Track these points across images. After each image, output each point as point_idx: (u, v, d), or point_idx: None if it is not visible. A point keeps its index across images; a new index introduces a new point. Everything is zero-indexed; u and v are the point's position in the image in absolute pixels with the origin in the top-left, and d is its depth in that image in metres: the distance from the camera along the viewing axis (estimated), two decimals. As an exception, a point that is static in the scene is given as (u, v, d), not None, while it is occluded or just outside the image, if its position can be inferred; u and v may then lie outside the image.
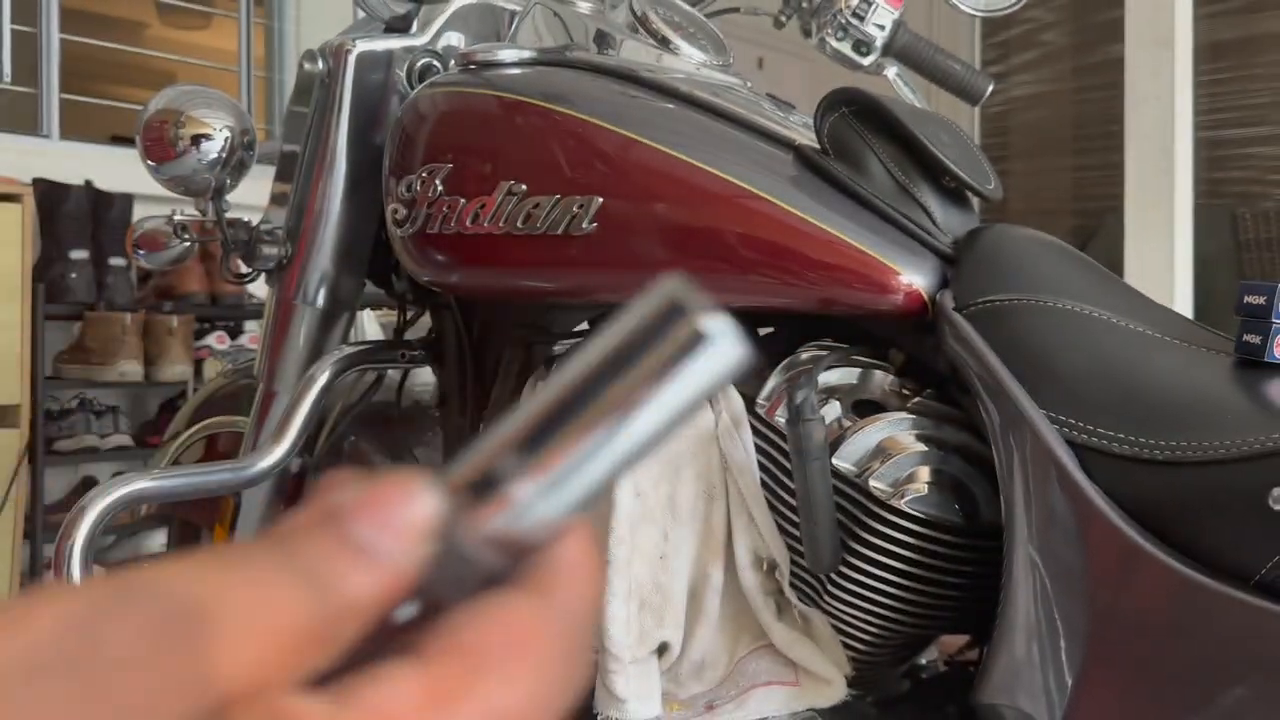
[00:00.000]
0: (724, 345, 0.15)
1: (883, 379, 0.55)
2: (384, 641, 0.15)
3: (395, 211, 0.65)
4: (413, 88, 0.72)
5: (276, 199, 0.76)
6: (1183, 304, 2.18)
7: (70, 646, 0.12)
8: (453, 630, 0.15)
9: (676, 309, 0.15)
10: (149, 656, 0.13)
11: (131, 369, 1.91)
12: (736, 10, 0.82)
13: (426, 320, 0.76)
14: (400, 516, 0.15)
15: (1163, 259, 2.21)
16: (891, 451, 0.50)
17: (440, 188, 0.62)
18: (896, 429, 0.51)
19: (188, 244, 0.78)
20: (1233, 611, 0.41)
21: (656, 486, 0.53)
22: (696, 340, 0.15)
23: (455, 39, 0.75)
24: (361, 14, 0.75)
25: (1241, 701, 0.42)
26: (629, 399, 0.15)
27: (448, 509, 0.15)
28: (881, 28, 0.69)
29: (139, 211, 1.93)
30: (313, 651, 0.14)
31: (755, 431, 0.54)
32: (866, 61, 0.71)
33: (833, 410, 0.53)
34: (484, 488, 0.15)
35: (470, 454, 0.16)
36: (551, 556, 0.16)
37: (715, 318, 0.15)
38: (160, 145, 0.72)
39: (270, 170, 0.78)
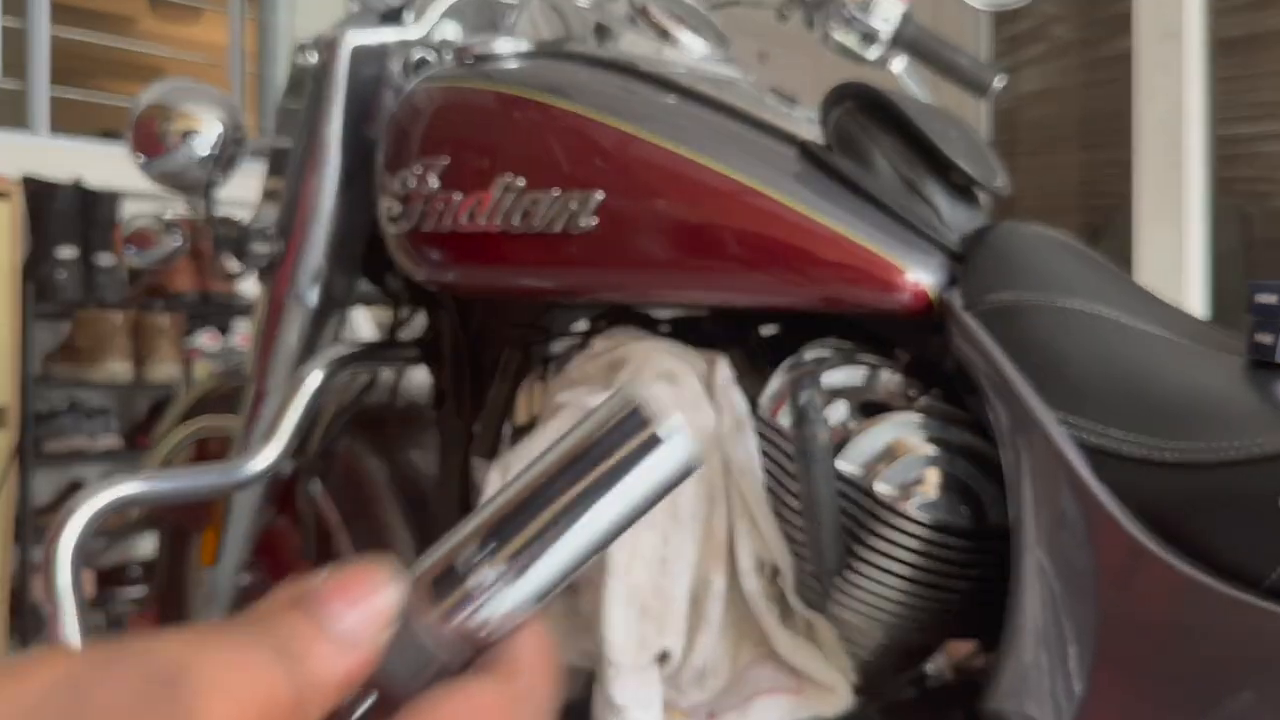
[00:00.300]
0: (678, 444, 0.16)
1: (888, 379, 0.54)
2: None
3: (389, 208, 0.64)
4: (408, 81, 0.70)
5: (268, 195, 0.75)
6: (1193, 302, 2.17)
7: (64, 700, 0.14)
8: (412, 711, 0.16)
9: (633, 411, 0.16)
10: (134, 712, 0.14)
11: (121, 369, 1.89)
12: (738, 3, 0.81)
13: (422, 319, 0.75)
14: (367, 602, 0.16)
15: (1173, 256, 2.20)
16: (897, 453, 0.49)
17: (436, 183, 0.61)
18: (902, 430, 0.50)
19: (178, 242, 0.77)
20: (1244, 615, 0.40)
21: (657, 489, 0.52)
22: (652, 440, 0.16)
23: (451, 32, 0.73)
24: (355, 7, 0.73)
25: (1253, 706, 0.41)
26: (588, 495, 0.16)
27: (412, 597, 0.16)
28: (887, 20, 0.68)
29: (128, 209, 1.91)
30: None
31: (758, 433, 0.53)
32: (872, 55, 0.70)
33: (837, 411, 0.52)
34: (448, 580, 0.16)
35: (435, 548, 0.17)
36: (512, 647, 0.17)
37: (670, 420, 0.16)
38: (151, 140, 0.70)
39: (262, 166, 0.77)
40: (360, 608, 0.16)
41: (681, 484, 0.17)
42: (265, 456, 0.65)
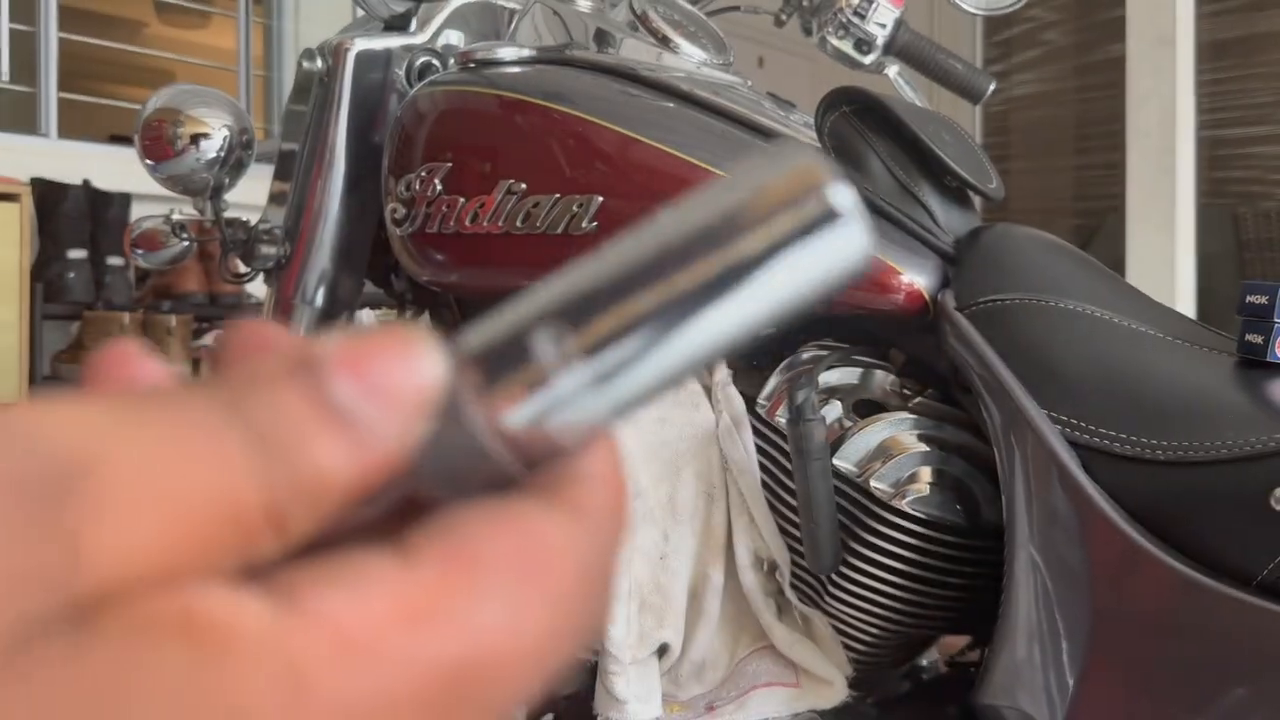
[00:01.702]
0: (854, 230, 0.11)
1: (883, 379, 0.55)
2: (353, 532, 0.11)
3: (394, 211, 0.65)
4: (412, 86, 0.72)
5: (275, 198, 0.76)
6: (1184, 303, 2.18)
7: None
8: (451, 528, 0.11)
9: (807, 173, 0.11)
10: None
11: (130, 369, 1.90)
12: (737, 8, 0.82)
13: (426, 320, 0.76)
14: (397, 380, 0.11)
15: (1164, 258, 2.21)
16: (892, 452, 0.50)
17: (439, 187, 0.62)
18: (897, 429, 0.51)
19: (186, 243, 0.78)
20: (1234, 612, 0.41)
21: (656, 486, 0.53)
22: (825, 216, 0.11)
23: (455, 37, 0.74)
24: (361, 12, 0.75)
25: (1243, 702, 0.41)
26: (726, 269, 0.11)
27: (458, 380, 0.11)
28: (883, 26, 0.69)
29: (137, 211, 1.92)
30: (255, 537, 0.10)
31: (756, 432, 0.54)
32: (867, 60, 0.71)
33: (833, 410, 0.52)
34: (508, 362, 0.11)
35: (496, 316, 0.12)
36: (580, 467, 0.12)
37: (850, 194, 0.11)
38: (159, 144, 0.71)
39: (269, 169, 0.78)
40: (388, 387, 0.11)
41: (844, 281, 0.11)
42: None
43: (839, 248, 0.11)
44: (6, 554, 0.09)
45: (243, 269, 0.75)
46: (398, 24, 0.73)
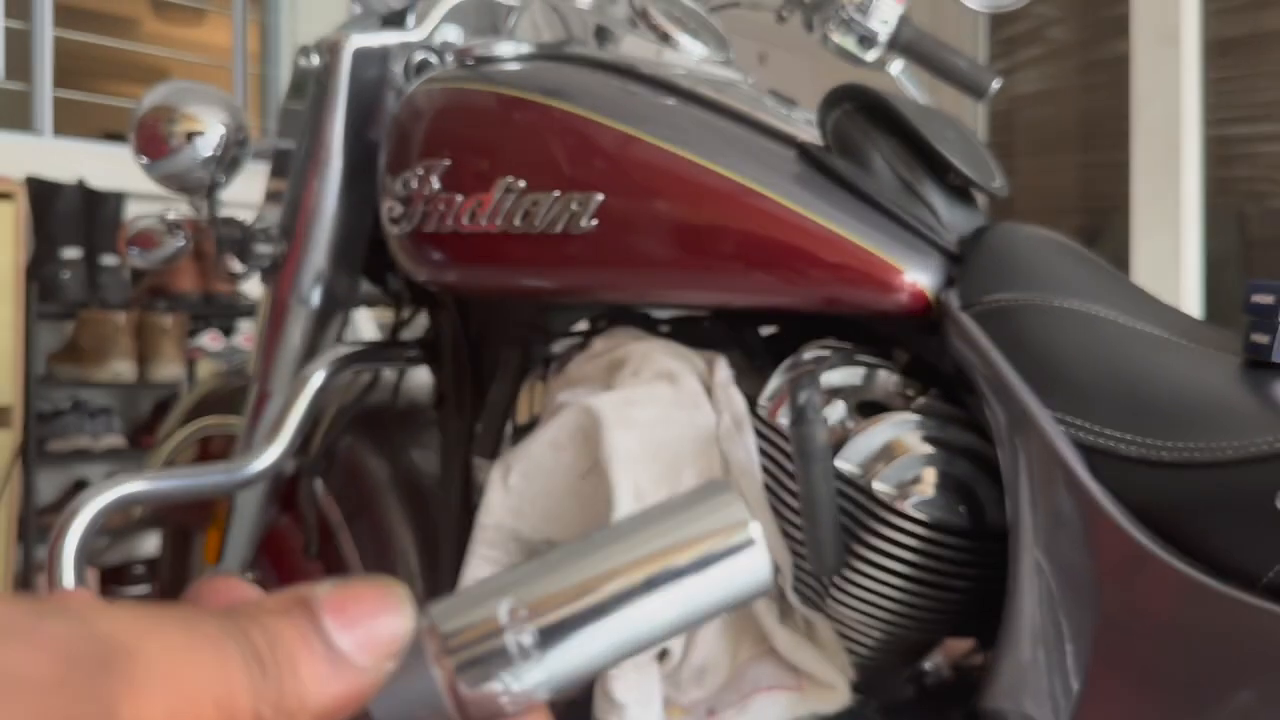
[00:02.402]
0: (759, 557, 0.14)
1: (887, 379, 0.54)
2: None
3: (391, 209, 0.64)
4: (409, 83, 0.71)
5: (271, 196, 0.75)
6: (1190, 302, 2.18)
7: None
8: None
9: (726, 506, 0.14)
10: (50, 681, 0.11)
11: (125, 369, 1.90)
12: (738, 5, 0.81)
13: (423, 319, 0.75)
14: (376, 622, 0.13)
15: (1170, 257, 2.21)
16: (896, 453, 0.50)
17: (437, 185, 0.61)
18: (901, 430, 0.50)
19: (181, 242, 0.77)
20: (1240, 614, 0.40)
21: (657, 487, 0.52)
22: (743, 542, 0.14)
23: (452, 34, 0.74)
24: (357, 9, 0.74)
25: (1250, 705, 0.41)
26: (652, 582, 0.14)
27: (425, 636, 0.14)
28: (886, 23, 0.68)
29: (132, 210, 1.91)
30: None
31: (757, 433, 0.53)
32: (870, 57, 0.70)
33: (836, 411, 0.52)
34: (474, 630, 0.14)
35: (464, 591, 0.15)
36: None
37: (755, 526, 0.14)
38: (154, 142, 0.71)
39: (265, 167, 0.77)
40: (366, 627, 0.13)
41: (746, 602, 0.15)
42: (268, 456, 0.65)
43: (748, 570, 0.15)
44: (63, 703, 0.12)
45: (238, 268, 0.75)
46: (395, 20, 0.72)
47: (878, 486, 0.49)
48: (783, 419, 0.51)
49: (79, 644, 0.12)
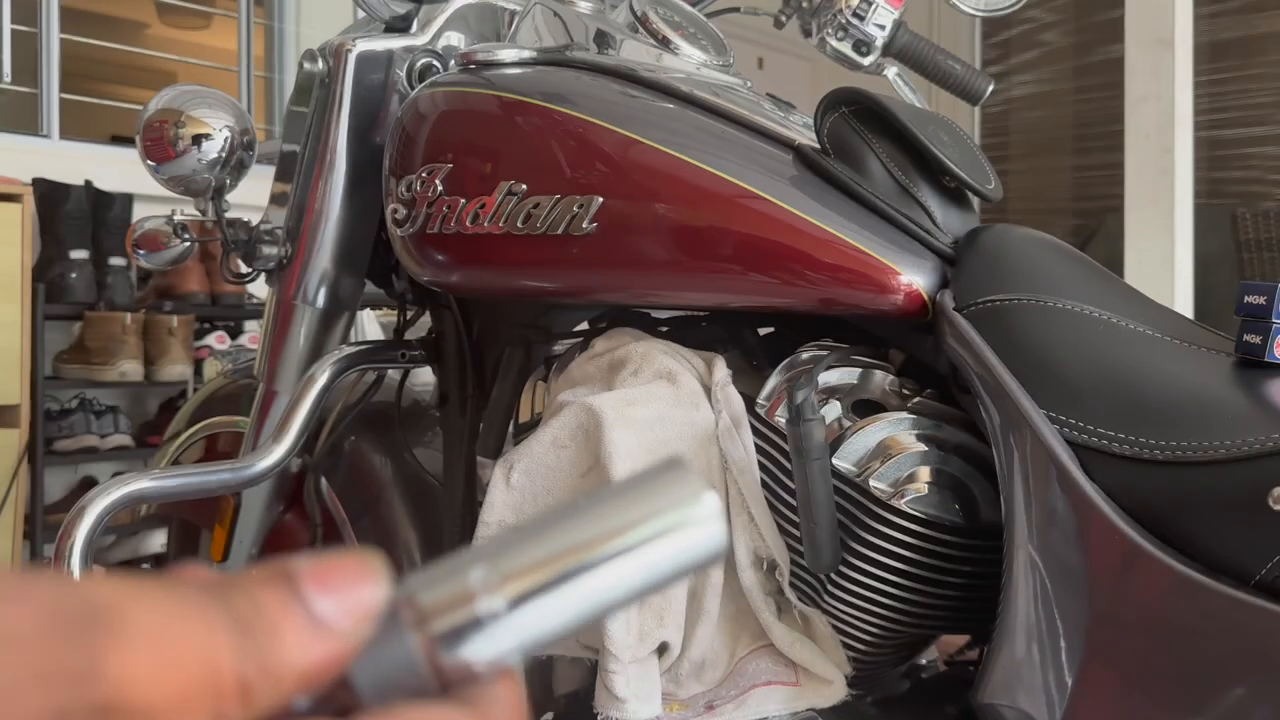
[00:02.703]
0: (714, 528, 0.15)
1: (883, 379, 0.55)
2: None
3: (395, 211, 0.65)
4: (413, 87, 0.72)
5: (276, 199, 0.76)
6: (1183, 304, 2.18)
7: None
8: (389, 716, 0.14)
9: (680, 481, 0.15)
10: (36, 636, 0.12)
11: (131, 369, 1.91)
12: (737, 10, 0.82)
13: (427, 320, 0.76)
14: (353, 590, 0.14)
15: (1163, 259, 2.21)
16: (892, 451, 0.50)
17: (440, 187, 0.62)
18: (897, 429, 0.51)
19: (188, 244, 0.78)
20: (1233, 612, 0.41)
21: (656, 486, 0.53)
22: (698, 512, 0.15)
23: (455, 39, 0.75)
24: (361, 14, 0.75)
25: (1242, 702, 0.41)
26: (614, 552, 0.15)
27: (402, 603, 0.15)
28: (882, 27, 0.69)
29: (139, 211, 1.93)
30: (227, 702, 0.13)
31: (755, 431, 0.54)
32: (867, 61, 0.71)
33: (833, 410, 0.53)
34: (448, 597, 0.15)
35: (442, 563, 0.15)
36: (490, 691, 0.15)
37: (711, 499, 0.15)
38: (160, 145, 0.72)
39: (270, 170, 0.78)
40: (345, 592, 0.14)
41: (704, 566, 0.16)
42: (273, 454, 0.66)
43: (704, 537, 0.16)
44: (51, 656, 0.12)
45: (244, 269, 0.75)
46: (399, 25, 0.73)
47: (874, 484, 0.49)
48: (780, 418, 0.52)
49: (66, 601, 0.12)
